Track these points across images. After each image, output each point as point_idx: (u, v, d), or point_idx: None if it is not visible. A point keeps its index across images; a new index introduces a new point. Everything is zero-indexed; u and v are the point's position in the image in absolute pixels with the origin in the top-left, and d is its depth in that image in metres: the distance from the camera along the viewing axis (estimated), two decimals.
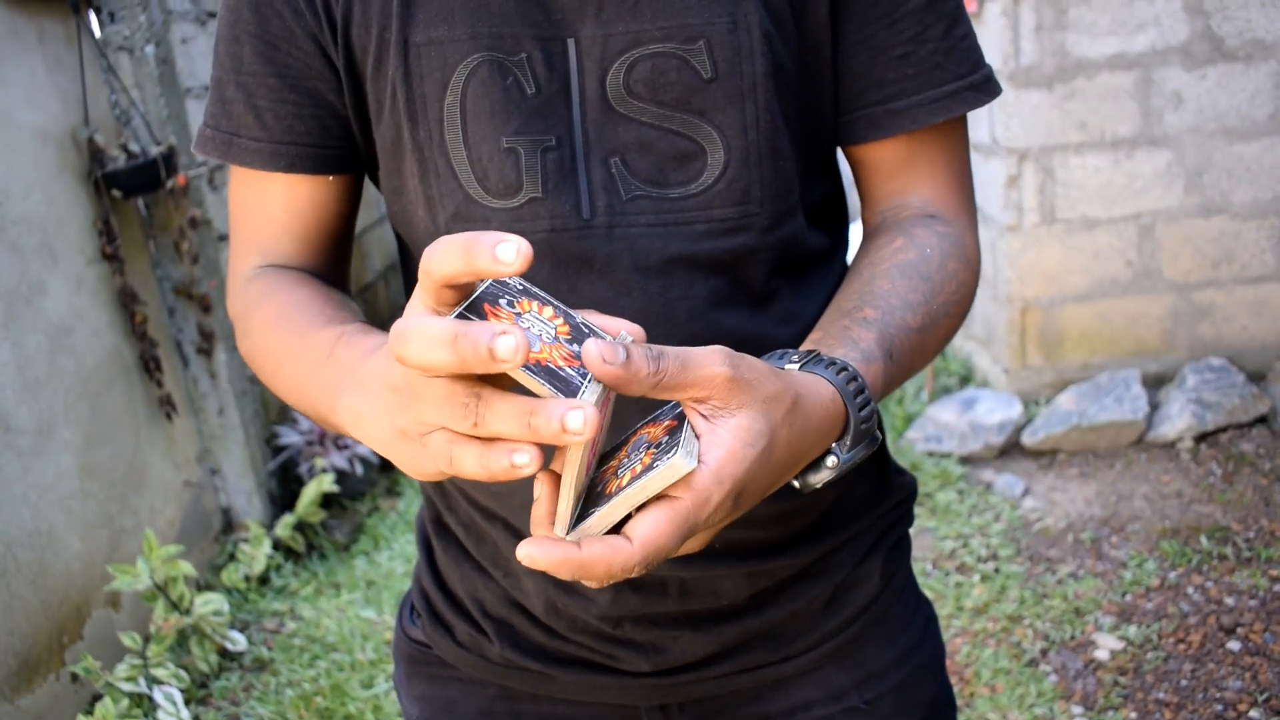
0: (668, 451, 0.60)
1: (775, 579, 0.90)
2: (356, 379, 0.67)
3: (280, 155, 0.87)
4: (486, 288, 0.60)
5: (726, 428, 0.60)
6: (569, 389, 0.56)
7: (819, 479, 0.71)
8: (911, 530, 1.05)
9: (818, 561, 0.92)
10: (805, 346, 0.77)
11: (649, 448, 0.63)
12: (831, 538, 0.92)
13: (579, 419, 0.53)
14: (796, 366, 0.71)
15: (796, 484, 0.71)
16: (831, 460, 0.70)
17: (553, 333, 0.59)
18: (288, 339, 0.80)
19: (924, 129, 0.87)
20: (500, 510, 0.90)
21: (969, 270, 0.87)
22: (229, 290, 0.93)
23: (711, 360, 0.60)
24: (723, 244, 0.82)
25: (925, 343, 0.82)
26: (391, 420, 0.60)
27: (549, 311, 0.60)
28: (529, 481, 0.84)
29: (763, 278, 0.84)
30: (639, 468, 0.61)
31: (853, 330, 0.77)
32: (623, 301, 0.81)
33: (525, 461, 0.55)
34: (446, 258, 0.54)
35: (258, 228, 0.91)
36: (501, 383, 0.57)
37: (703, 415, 0.60)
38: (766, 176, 0.82)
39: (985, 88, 0.87)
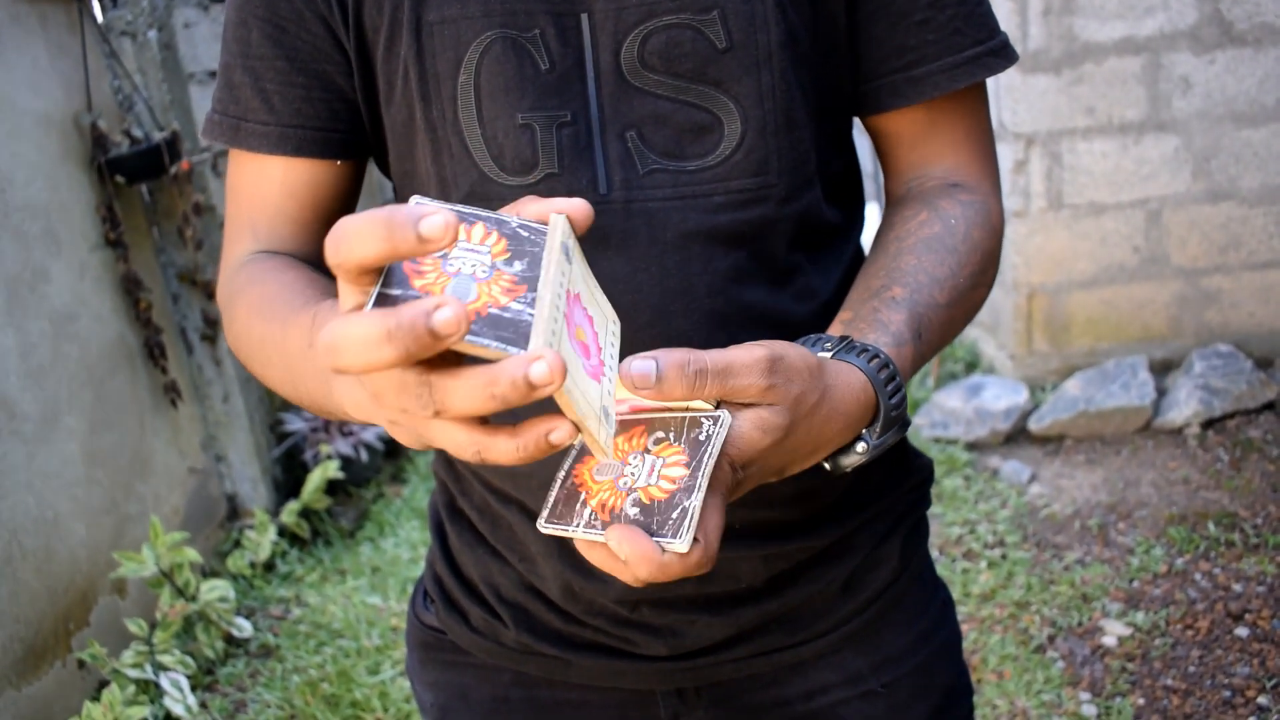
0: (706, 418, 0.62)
1: (793, 561, 0.89)
2: None
3: (288, 139, 0.86)
4: None
5: (744, 416, 0.62)
6: (518, 333, 0.51)
7: (850, 462, 0.73)
8: None
9: (836, 544, 0.91)
10: (836, 329, 0.78)
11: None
12: (850, 519, 0.91)
13: (543, 370, 0.49)
14: (829, 355, 0.72)
15: (827, 465, 0.73)
16: (861, 446, 0.72)
17: (488, 260, 0.53)
18: (269, 327, 0.79)
19: (945, 96, 0.86)
20: (516, 493, 0.89)
21: (993, 237, 0.87)
22: (220, 277, 0.92)
23: (752, 371, 0.61)
24: (741, 216, 0.81)
25: (954, 317, 0.82)
26: (376, 411, 0.58)
27: (479, 231, 0.55)
28: (546, 463, 0.84)
29: (782, 251, 0.84)
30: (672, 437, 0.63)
31: (882, 312, 0.77)
32: (640, 277, 0.80)
33: (562, 437, 0.54)
34: (362, 242, 0.48)
35: (253, 210, 0.90)
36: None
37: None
38: (784, 146, 0.81)
39: (1004, 53, 0.87)
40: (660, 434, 0.64)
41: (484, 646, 0.96)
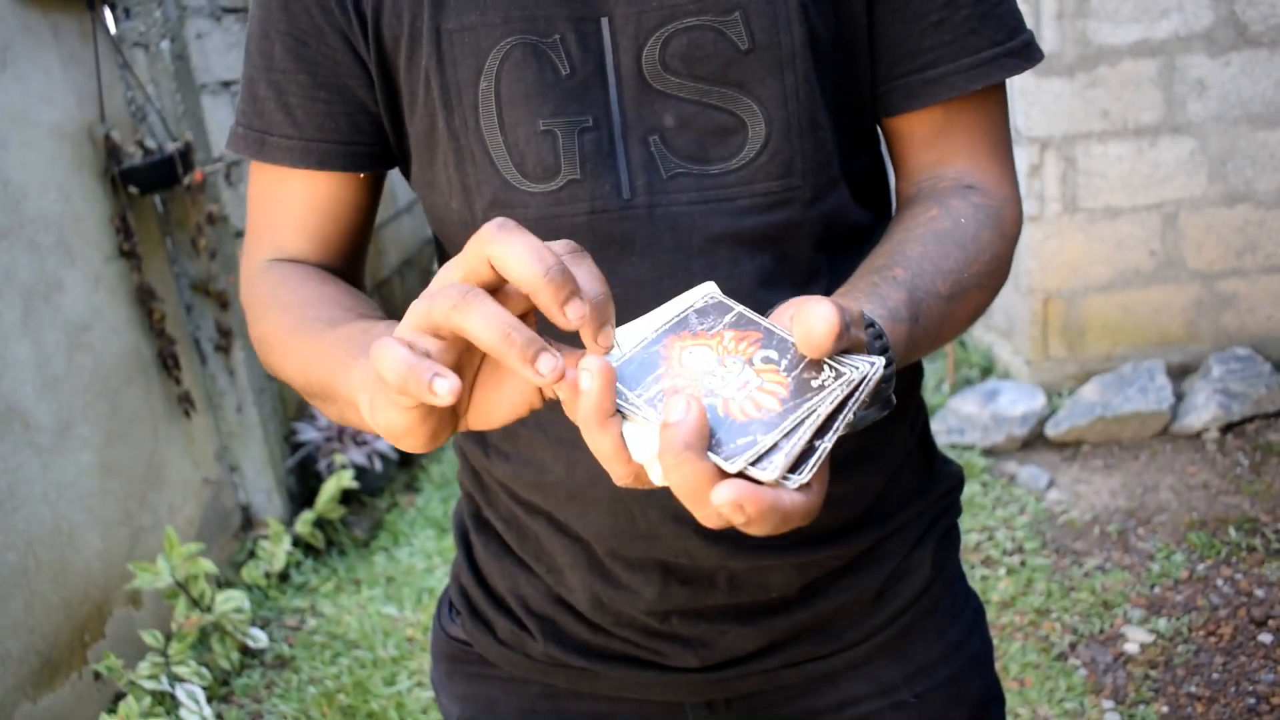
0: (848, 365, 0.59)
1: (825, 570, 0.88)
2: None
3: (311, 153, 0.86)
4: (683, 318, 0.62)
5: None
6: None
7: None
8: None
9: (867, 552, 0.90)
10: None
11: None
12: (881, 527, 0.90)
13: (549, 363, 0.54)
14: None
15: None
16: None
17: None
18: (308, 334, 0.79)
19: (961, 98, 0.84)
20: (544, 504, 0.88)
21: (1004, 242, 0.85)
22: (242, 279, 0.92)
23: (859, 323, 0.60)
24: (767, 219, 0.80)
25: (954, 311, 0.79)
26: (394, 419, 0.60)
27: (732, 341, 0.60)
28: (573, 473, 0.83)
29: (808, 253, 0.83)
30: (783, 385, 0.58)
31: (881, 287, 0.73)
32: (666, 283, 0.79)
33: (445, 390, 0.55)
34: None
35: (276, 221, 0.90)
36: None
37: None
38: (808, 148, 0.80)
39: (1024, 54, 0.84)
40: (771, 354, 0.60)
41: (511, 659, 0.95)
